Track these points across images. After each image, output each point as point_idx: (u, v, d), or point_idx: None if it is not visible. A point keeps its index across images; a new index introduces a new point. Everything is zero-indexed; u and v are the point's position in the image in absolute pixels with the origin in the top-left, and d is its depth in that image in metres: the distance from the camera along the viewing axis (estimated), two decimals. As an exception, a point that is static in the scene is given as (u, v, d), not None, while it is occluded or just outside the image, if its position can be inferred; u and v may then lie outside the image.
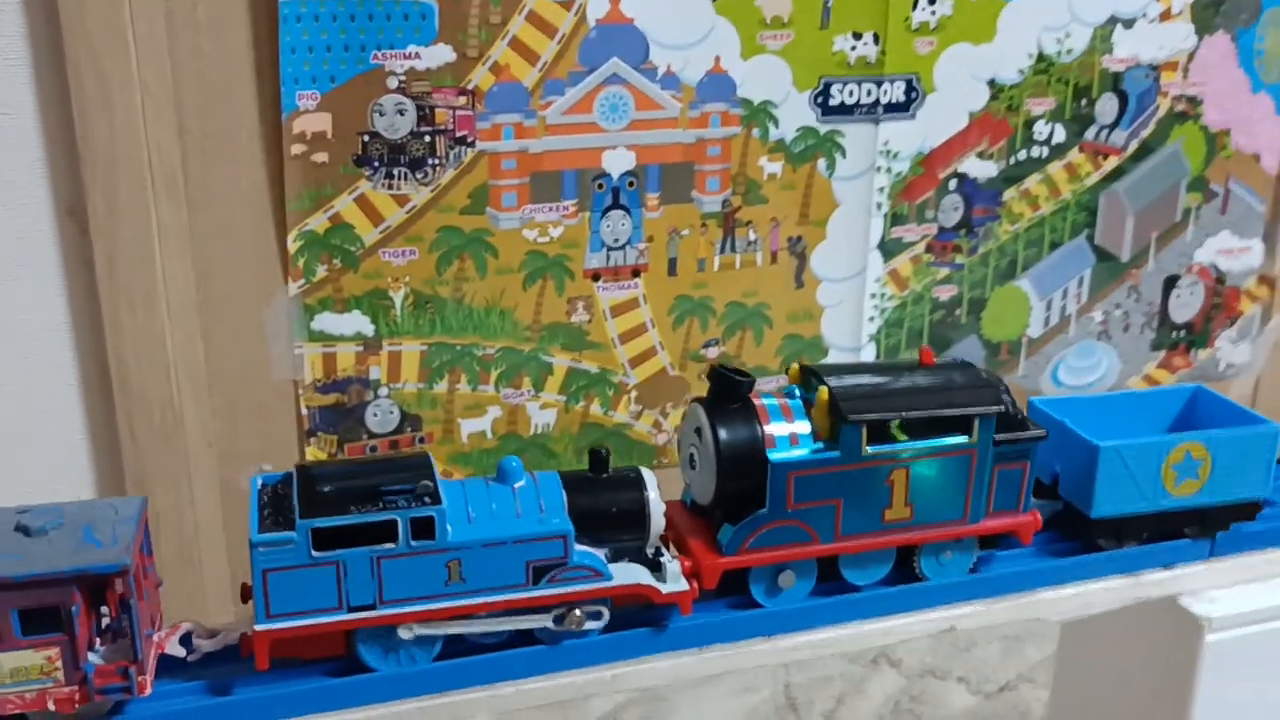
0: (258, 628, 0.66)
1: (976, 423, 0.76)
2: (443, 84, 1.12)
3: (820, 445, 0.76)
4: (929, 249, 1.38)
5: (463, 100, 1.13)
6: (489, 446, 1.24)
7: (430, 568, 0.67)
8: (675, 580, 0.73)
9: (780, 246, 1.31)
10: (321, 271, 1.14)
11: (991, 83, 1.34)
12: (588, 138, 1.19)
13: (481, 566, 0.67)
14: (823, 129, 1.28)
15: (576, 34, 1.16)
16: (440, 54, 1.11)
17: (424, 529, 0.66)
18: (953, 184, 1.36)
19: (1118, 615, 0.80)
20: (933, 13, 1.28)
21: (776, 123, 1.26)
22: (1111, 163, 1.43)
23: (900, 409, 0.75)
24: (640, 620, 0.75)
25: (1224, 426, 0.85)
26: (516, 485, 0.71)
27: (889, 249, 1.35)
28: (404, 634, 0.68)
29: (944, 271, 1.39)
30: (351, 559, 0.65)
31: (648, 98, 1.20)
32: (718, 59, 1.22)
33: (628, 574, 0.72)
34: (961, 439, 0.76)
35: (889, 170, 1.32)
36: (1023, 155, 1.38)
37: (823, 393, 0.76)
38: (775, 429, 0.76)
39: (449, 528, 0.67)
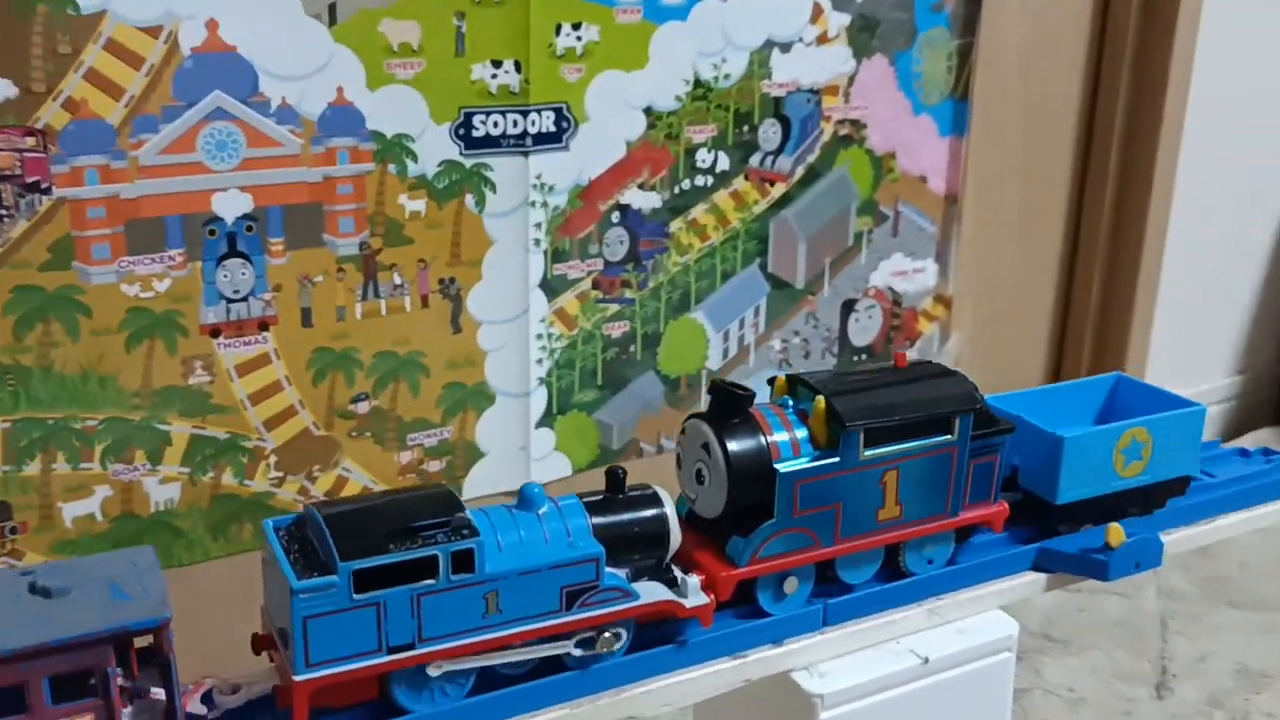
0: (298, 678, 0.62)
1: (957, 421, 0.80)
2: (4, 124, 0.97)
3: (819, 452, 0.78)
4: (596, 285, 1.31)
5: (31, 141, 0.99)
6: (100, 530, 1.10)
7: (468, 601, 0.66)
8: (696, 595, 0.73)
9: (431, 289, 1.21)
10: None
11: (648, 110, 1.28)
12: (192, 179, 1.06)
13: (518, 596, 0.67)
14: (468, 163, 1.19)
15: (169, 64, 1.03)
16: (-2, 89, 0.96)
17: (464, 562, 0.65)
18: (615, 216, 1.30)
19: (741, 693, 0.74)
20: (578, 39, 1.21)
21: (415, 157, 1.16)
22: (779, 189, 1.40)
23: (893, 413, 0.78)
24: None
25: (1151, 410, 0.91)
26: (540, 511, 0.71)
27: (553, 287, 1.28)
28: (433, 671, 0.66)
29: (614, 308, 1.33)
30: (392, 599, 0.64)
31: (261, 133, 1.08)
32: (340, 90, 1.11)
33: (651, 592, 0.72)
34: (945, 437, 0.80)
35: (545, 204, 1.25)
36: (687, 184, 1.34)
37: (819, 402, 0.78)
38: (777, 438, 0.77)
39: (486, 559, 0.67)
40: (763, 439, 0.76)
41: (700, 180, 1.34)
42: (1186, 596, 1.44)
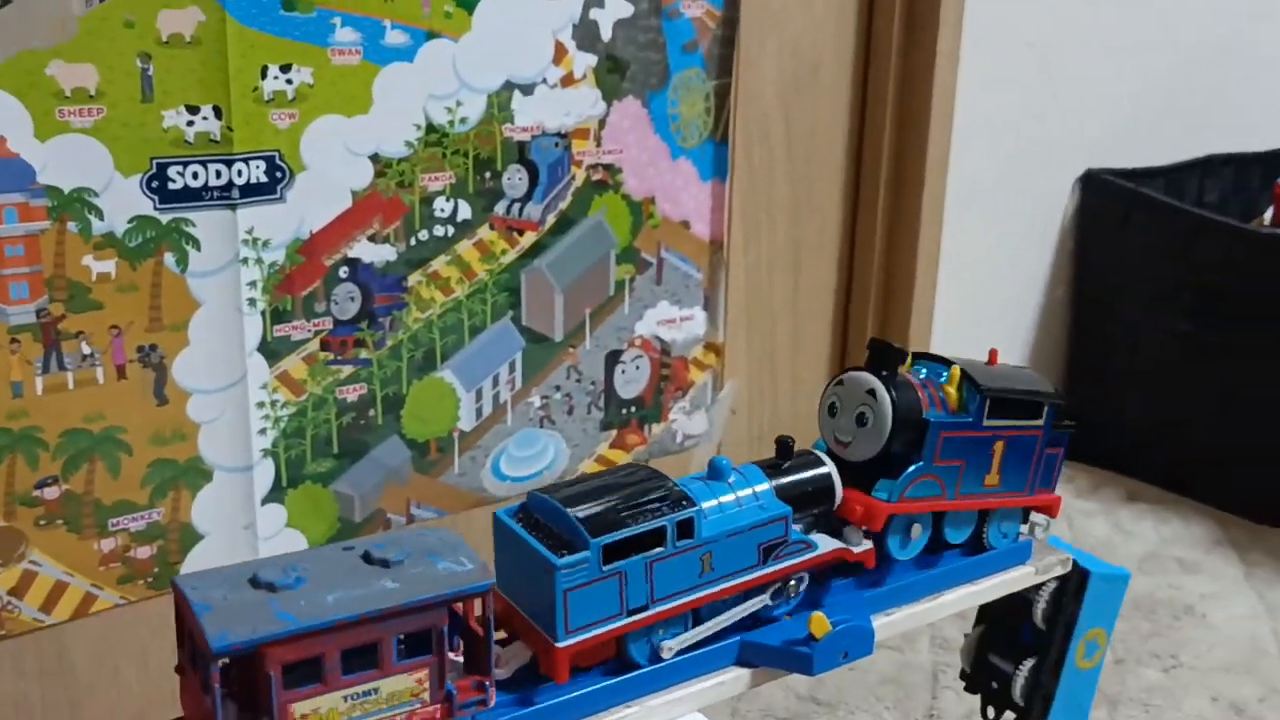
0: (560, 644, 0.69)
1: (1047, 408, 0.90)
2: None
3: (953, 413, 0.86)
4: (325, 346, 1.21)
5: None
6: None
7: (689, 563, 0.73)
8: (860, 541, 0.82)
9: (129, 358, 1.09)
10: None
11: (375, 157, 1.19)
12: None
13: (726, 555, 0.74)
14: (164, 218, 1.08)
15: None
16: None
17: (685, 529, 0.73)
18: (344, 271, 1.20)
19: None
20: (289, 82, 1.12)
21: (100, 213, 1.05)
22: (529, 239, 1.33)
23: (1010, 390, 0.88)
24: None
25: None
26: (730, 480, 0.77)
27: (273, 350, 1.17)
28: (665, 652, 0.73)
29: (348, 369, 1.23)
30: (631, 567, 0.71)
31: (-95, 191, 0.96)
32: (3, 141, 0.99)
33: (825, 543, 0.80)
34: (1036, 421, 0.90)
35: (259, 261, 1.14)
36: (424, 235, 1.25)
37: (955, 370, 0.88)
38: (925, 394, 0.85)
39: (702, 526, 0.74)
40: (916, 392, 0.84)
41: (440, 230, 1.26)
42: (959, 647, 1.40)
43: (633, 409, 1.48)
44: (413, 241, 1.24)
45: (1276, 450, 1.78)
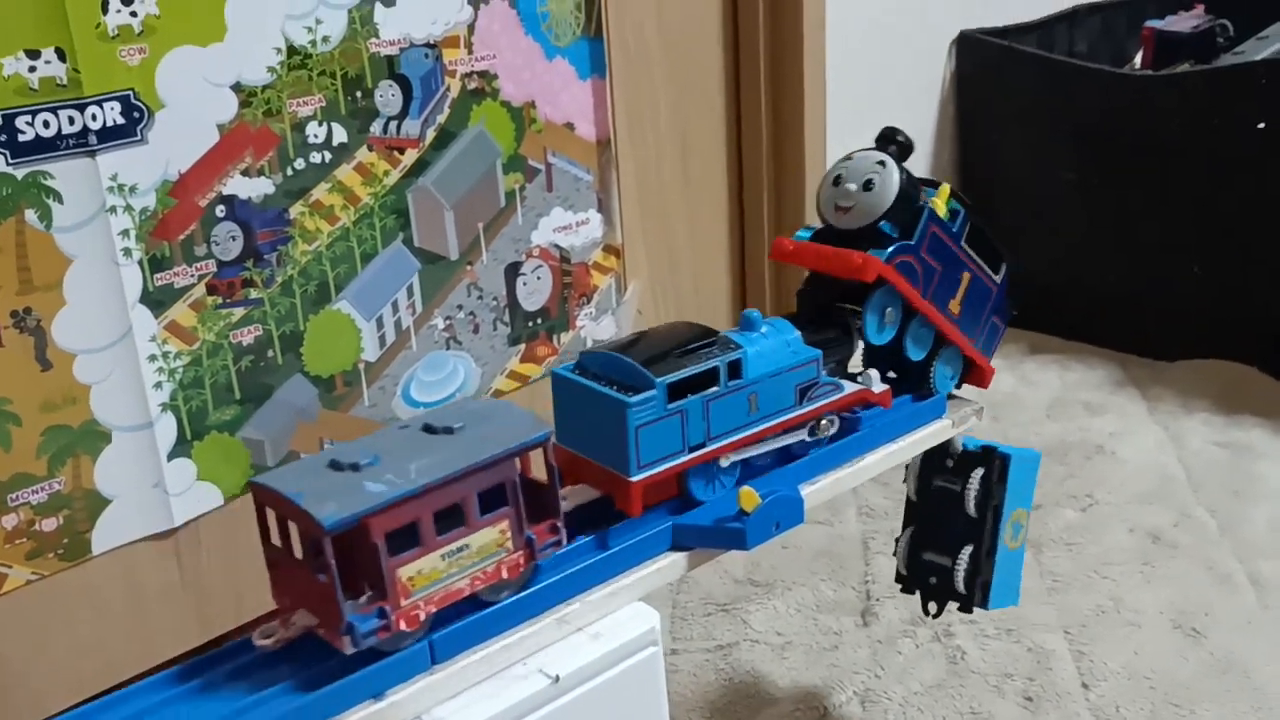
0: (634, 478, 0.73)
1: (1004, 267, 0.94)
2: None
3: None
4: (212, 290, 1.16)
5: None
6: None
7: (739, 403, 0.78)
8: (878, 384, 0.87)
9: (3, 325, 1.04)
10: None
11: (237, 87, 1.14)
12: None
13: (769, 395, 0.80)
14: (20, 173, 1.02)
15: None
16: None
17: (735, 370, 0.78)
18: (221, 210, 1.15)
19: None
20: (133, 14, 1.05)
21: (-52, 175, 0.99)
22: (411, 156, 1.29)
23: (986, 228, 0.91)
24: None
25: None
26: (762, 330, 0.82)
27: (157, 300, 1.12)
28: (723, 463, 0.79)
29: (239, 312, 1.19)
30: (690, 406, 0.75)
31: None
32: None
33: (850, 385, 0.86)
34: (995, 276, 0.94)
35: (129, 208, 1.09)
36: (300, 164, 1.20)
37: (945, 188, 0.90)
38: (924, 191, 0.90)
39: (749, 367, 0.79)
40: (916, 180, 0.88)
41: (316, 157, 1.21)
42: (886, 513, 1.43)
43: (539, 320, 1.46)
44: (289, 171, 1.20)
45: (1167, 287, 1.83)
